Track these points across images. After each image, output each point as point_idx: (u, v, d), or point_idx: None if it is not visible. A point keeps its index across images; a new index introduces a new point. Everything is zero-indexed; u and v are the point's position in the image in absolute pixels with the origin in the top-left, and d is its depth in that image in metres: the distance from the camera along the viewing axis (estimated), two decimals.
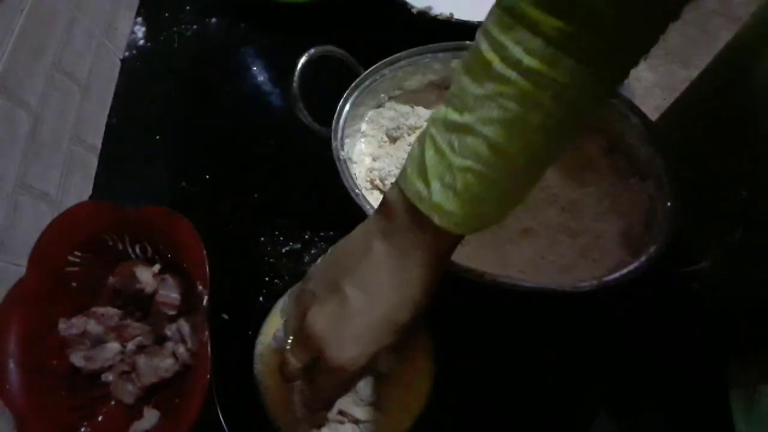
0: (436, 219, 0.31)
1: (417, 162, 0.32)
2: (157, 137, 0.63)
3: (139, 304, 0.50)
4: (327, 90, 0.51)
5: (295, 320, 0.37)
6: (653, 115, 0.58)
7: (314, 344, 0.34)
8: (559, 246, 0.48)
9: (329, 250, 0.38)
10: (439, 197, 0.31)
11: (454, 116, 0.31)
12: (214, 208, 0.57)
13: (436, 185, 0.31)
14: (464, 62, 0.31)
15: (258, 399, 0.45)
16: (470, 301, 0.46)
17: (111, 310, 0.49)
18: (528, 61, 0.28)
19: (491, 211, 0.32)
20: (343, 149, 0.48)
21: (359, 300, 0.34)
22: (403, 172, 0.33)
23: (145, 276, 0.49)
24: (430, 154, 0.31)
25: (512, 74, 0.28)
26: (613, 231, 0.48)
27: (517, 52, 0.28)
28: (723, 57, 0.57)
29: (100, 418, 0.47)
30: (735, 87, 0.53)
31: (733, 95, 0.53)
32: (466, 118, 0.30)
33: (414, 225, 0.33)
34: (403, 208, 0.33)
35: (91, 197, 0.59)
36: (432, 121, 0.32)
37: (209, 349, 0.41)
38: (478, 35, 0.31)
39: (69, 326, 0.47)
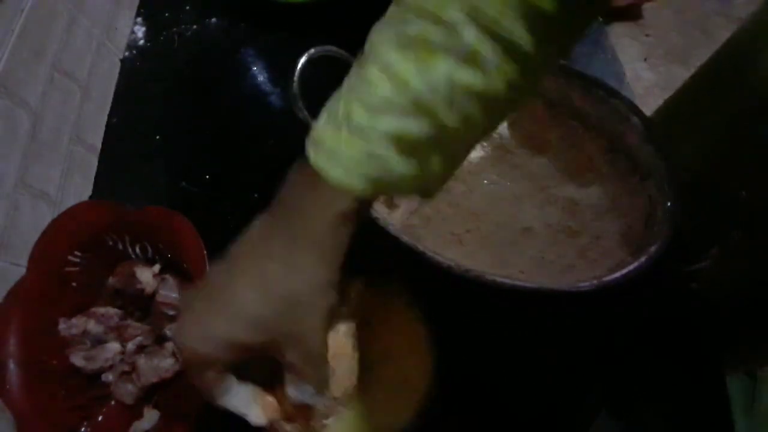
0: (318, 157, 0.27)
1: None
2: (157, 137, 0.63)
3: (139, 304, 0.50)
4: (327, 90, 0.51)
5: None
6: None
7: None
8: (559, 246, 0.48)
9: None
10: (324, 128, 0.28)
11: (365, 48, 0.28)
12: (214, 208, 0.57)
13: (323, 116, 0.28)
14: None
15: None
16: (470, 301, 0.46)
17: (111, 310, 0.49)
18: None
19: (389, 153, 0.26)
20: None
21: (215, 280, 0.31)
22: None
23: (145, 276, 0.49)
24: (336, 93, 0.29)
25: None
26: (613, 231, 0.48)
27: None
28: (721, 56, 0.57)
29: (100, 418, 0.47)
30: (733, 86, 0.53)
31: (732, 94, 0.53)
32: (368, 44, 0.28)
33: (300, 186, 0.29)
34: (295, 171, 0.30)
35: (91, 197, 0.59)
36: None
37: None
38: None
39: (69, 326, 0.47)
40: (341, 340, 0.38)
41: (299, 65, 0.49)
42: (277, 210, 0.30)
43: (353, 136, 0.26)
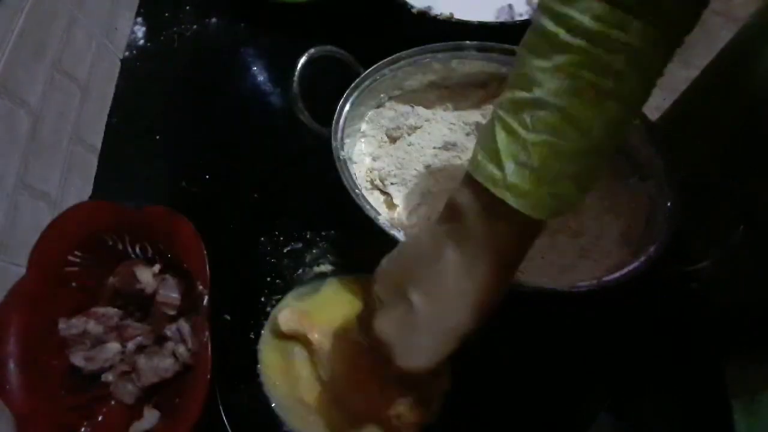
0: (512, 200, 0.30)
1: (488, 148, 0.31)
2: (157, 137, 0.63)
3: (139, 304, 0.50)
4: (327, 90, 0.51)
5: (362, 319, 0.39)
6: (653, 115, 0.58)
7: (384, 350, 0.35)
8: (559, 246, 0.48)
9: (393, 253, 0.37)
10: (515, 177, 0.30)
11: (522, 94, 0.30)
12: (214, 208, 0.57)
13: (510, 165, 0.30)
14: (525, 43, 0.31)
15: (259, 397, 0.45)
16: None
17: (111, 310, 0.49)
18: (597, 26, 0.27)
19: (569, 189, 0.30)
20: (343, 149, 0.48)
21: (426, 310, 0.34)
22: (473, 162, 0.32)
23: (145, 276, 0.49)
24: (501, 136, 0.30)
25: (581, 42, 0.28)
26: (613, 231, 0.48)
27: (583, 19, 0.28)
28: (723, 57, 0.57)
29: (100, 418, 0.47)
30: (735, 87, 0.53)
31: (734, 95, 0.53)
32: (537, 93, 0.29)
33: (486, 219, 0.32)
34: (473, 203, 0.32)
35: (91, 197, 0.59)
36: (497, 106, 0.32)
37: (209, 349, 0.41)
38: (537, 14, 0.30)
39: (69, 326, 0.47)
40: None
41: (299, 65, 0.49)
42: (470, 242, 0.33)
43: (549, 187, 0.30)
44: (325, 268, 0.52)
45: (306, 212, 0.56)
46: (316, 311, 0.49)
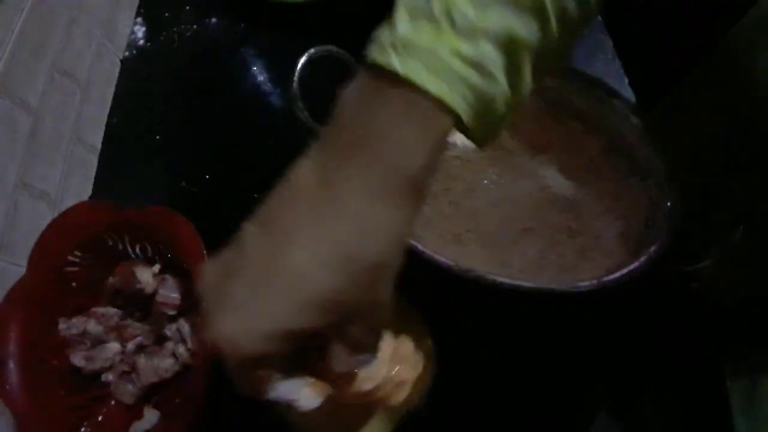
0: (397, 61, 0.21)
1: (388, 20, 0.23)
2: (157, 137, 0.63)
3: (139, 304, 0.50)
4: (327, 90, 0.51)
5: None
6: None
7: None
8: (559, 246, 0.48)
9: None
10: (406, 29, 0.21)
11: None
12: (214, 208, 0.57)
13: (403, 19, 0.22)
14: None
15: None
16: (470, 301, 0.46)
17: (111, 310, 0.49)
18: None
19: (489, 50, 0.21)
20: None
21: (255, 248, 0.23)
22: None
23: (145, 276, 0.49)
24: None
25: None
26: (613, 231, 0.48)
27: None
28: (720, 53, 0.57)
29: (100, 418, 0.47)
30: (732, 84, 0.53)
31: (731, 92, 0.53)
32: None
33: (362, 101, 0.22)
34: (352, 89, 0.23)
35: (91, 197, 0.59)
36: None
37: (209, 349, 0.41)
38: None
39: (69, 326, 0.47)
40: None
41: (299, 65, 0.49)
42: (337, 141, 0.23)
43: (458, 36, 0.21)
44: None
45: None
46: None
